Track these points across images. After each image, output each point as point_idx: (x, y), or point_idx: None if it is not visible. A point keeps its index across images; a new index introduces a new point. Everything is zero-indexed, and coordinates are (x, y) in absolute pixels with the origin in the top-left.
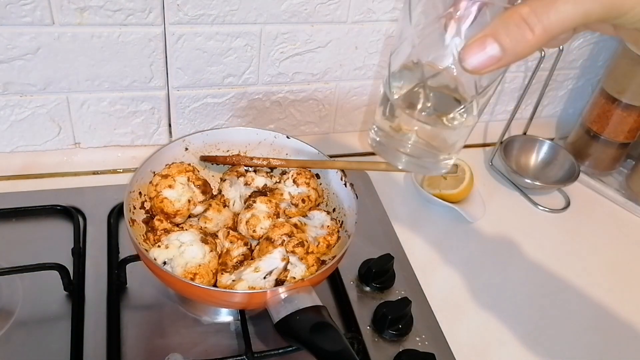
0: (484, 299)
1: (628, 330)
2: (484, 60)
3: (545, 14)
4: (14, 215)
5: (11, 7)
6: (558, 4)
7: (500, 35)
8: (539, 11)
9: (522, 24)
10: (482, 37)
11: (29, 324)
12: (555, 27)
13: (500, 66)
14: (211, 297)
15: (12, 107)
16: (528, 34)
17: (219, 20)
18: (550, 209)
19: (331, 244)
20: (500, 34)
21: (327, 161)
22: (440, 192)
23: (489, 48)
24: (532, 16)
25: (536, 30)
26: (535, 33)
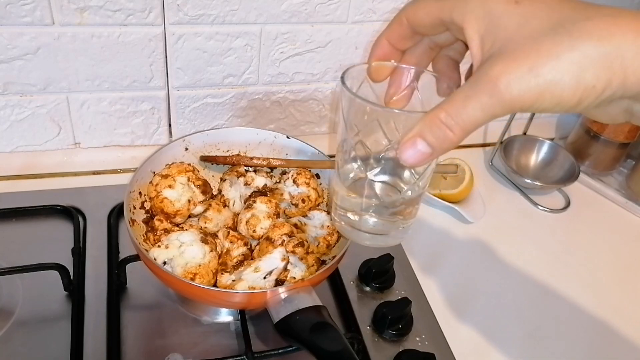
0: (484, 299)
1: (628, 330)
2: (418, 156)
3: (459, 116)
4: (14, 215)
5: (11, 7)
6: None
7: (426, 136)
8: (453, 114)
9: (442, 126)
10: (412, 137)
11: (29, 324)
12: (470, 125)
13: (432, 159)
14: (211, 297)
15: (12, 107)
16: (449, 133)
17: (219, 20)
18: (550, 209)
19: (331, 244)
20: (426, 135)
21: (327, 161)
22: (440, 192)
23: (420, 146)
24: (449, 119)
25: (455, 130)
26: (455, 132)
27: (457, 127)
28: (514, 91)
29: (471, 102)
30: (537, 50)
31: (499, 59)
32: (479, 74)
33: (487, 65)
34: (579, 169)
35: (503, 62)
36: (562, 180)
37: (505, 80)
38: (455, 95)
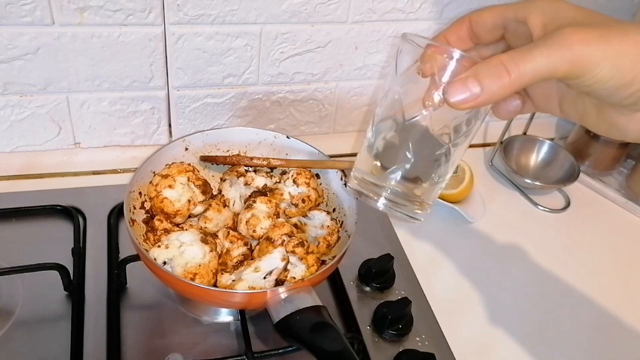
0: (484, 299)
1: (628, 329)
2: (465, 96)
3: (522, 62)
4: (14, 215)
5: (11, 7)
6: (534, 55)
7: (481, 75)
8: (516, 58)
9: (502, 67)
10: (465, 76)
11: (29, 324)
12: (529, 74)
13: (478, 104)
14: (211, 297)
15: (12, 107)
16: (505, 76)
17: (219, 20)
18: (550, 209)
19: (331, 244)
20: (481, 74)
21: (327, 161)
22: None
23: (471, 85)
24: (510, 62)
25: (512, 74)
26: (512, 77)
27: (515, 70)
28: (584, 48)
29: (539, 49)
30: (607, 26)
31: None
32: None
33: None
34: (579, 169)
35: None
36: (562, 180)
37: (577, 37)
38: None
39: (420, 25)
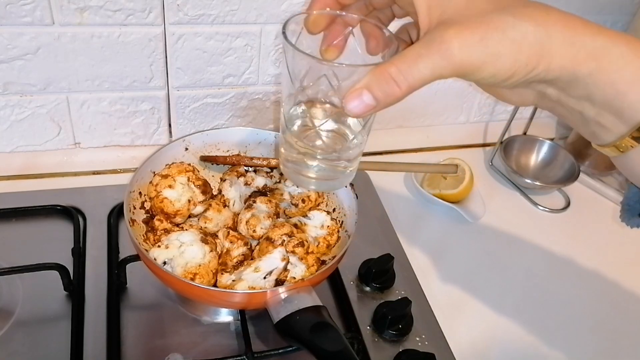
0: (484, 299)
1: (628, 330)
2: (362, 107)
3: (410, 74)
4: (14, 215)
5: (11, 7)
6: (419, 67)
7: (373, 89)
8: (404, 70)
9: (391, 81)
10: (359, 89)
11: (29, 324)
12: (417, 83)
13: (374, 112)
14: (211, 297)
15: (12, 107)
16: (396, 89)
17: (219, 20)
18: (550, 209)
19: (331, 244)
20: (373, 88)
21: None
22: (440, 192)
23: (365, 98)
24: (399, 75)
25: (402, 86)
26: (402, 88)
27: (405, 83)
28: (464, 56)
29: (423, 60)
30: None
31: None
32: (432, 36)
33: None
34: (579, 169)
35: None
36: (562, 180)
37: (457, 45)
38: (407, 52)
39: None
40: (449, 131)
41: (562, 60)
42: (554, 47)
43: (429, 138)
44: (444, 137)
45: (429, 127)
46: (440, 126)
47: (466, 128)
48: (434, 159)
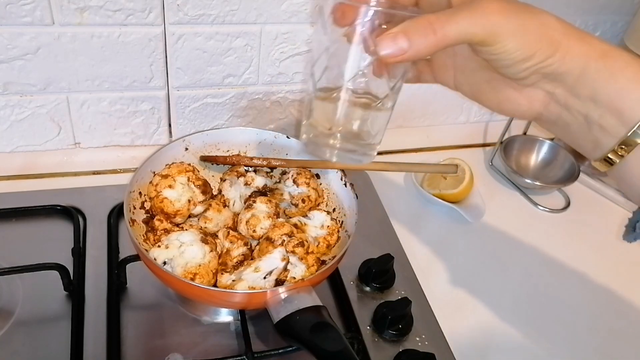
0: (484, 299)
1: (628, 330)
2: (394, 50)
3: (447, 23)
4: (14, 215)
5: (11, 7)
6: (458, 18)
7: (410, 32)
8: (442, 19)
9: (429, 26)
10: (395, 32)
11: (29, 324)
12: (452, 35)
13: (405, 59)
14: (211, 297)
15: (12, 107)
16: (431, 35)
17: (219, 20)
18: (550, 209)
19: (331, 244)
20: (410, 31)
21: (327, 161)
22: (440, 192)
23: (400, 41)
24: (437, 22)
25: (438, 33)
26: (437, 36)
27: (441, 31)
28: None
29: (462, 14)
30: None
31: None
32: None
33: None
34: (579, 169)
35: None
36: (562, 180)
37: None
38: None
39: None
40: (449, 131)
41: (576, 53)
42: (571, 41)
43: (429, 138)
44: (444, 137)
45: (429, 127)
46: (440, 126)
47: (466, 128)
48: (434, 159)
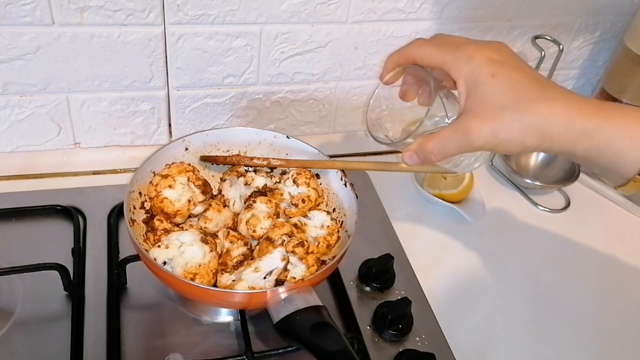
0: (484, 299)
1: (628, 330)
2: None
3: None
4: (14, 215)
5: (11, 7)
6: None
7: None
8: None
9: (429, 153)
10: (411, 150)
11: (29, 324)
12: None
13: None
14: (211, 297)
15: (12, 107)
16: (432, 158)
17: (219, 20)
18: (550, 209)
19: (331, 244)
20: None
21: (327, 161)
22: (440, 192)
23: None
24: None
25: (437, 157)
26: (437, 158)
27: (439, 155)
28: (481, 142)
29: (452, 142)
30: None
31: (474, 116)
32: (460, 124)
33: (467, 119)
34: (579, 169)
35: (476, 121)
36: (562, 180)
37: (476, 135)
38: (442, 133)
39: (420, 25)
40: None
41: (561, 142)
42: (553, 133)
43: None
44: None
45: None
46: None
47: None
48: None
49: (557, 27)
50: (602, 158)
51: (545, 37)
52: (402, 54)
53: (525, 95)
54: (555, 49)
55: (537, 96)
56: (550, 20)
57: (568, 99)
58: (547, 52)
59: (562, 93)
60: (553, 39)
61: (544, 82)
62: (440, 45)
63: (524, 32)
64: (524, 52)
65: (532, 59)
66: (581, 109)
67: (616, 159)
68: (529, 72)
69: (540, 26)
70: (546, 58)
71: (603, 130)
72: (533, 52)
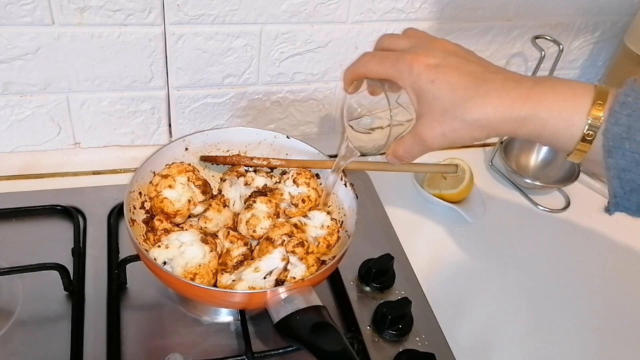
0: (484, 299)
1: (628, 329)
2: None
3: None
4: (14, 215)
5: (11, 7)
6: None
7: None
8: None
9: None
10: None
11: (29, 324)
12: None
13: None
14: (211, 297)
15: (12, 107)
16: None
17: (219, 20)
18: (550, 209)
19: (331, 244)
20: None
21: (327, 161)
22: (440, 192)
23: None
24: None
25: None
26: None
27: (410, 158)
28: (436, 144)
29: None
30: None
31: (424, 122)
32: (416, 130)
33: (419, 125)
34: (579, 169)
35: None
36: (562, 180)
37: (430, 139)
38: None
39: (420, 25)
40: None
41: (502, 130)
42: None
43: None
44: None
45: None
46: None
47: None
48: (434, 159)
49: (557, 27)
50: (542, 138)
51: (545, 37)
52: (353, 71)
53: (462, 95)
54: (555, 49)
55: (472, 94)
56: (550, 20)
57: (501, 90)
58: (547, 52)
59: (496, 85)
60: (553, 39)
61: (478, 76)
62: (383, 59)
63: (524, 32)
64: (524, 52)
65: (532, 59)
66: (514, 99)
67: (553, 138)
68: (465, 67)
69: (540, 26)
70: (546, 58)
71: (535, 116)
72: (533, 52)
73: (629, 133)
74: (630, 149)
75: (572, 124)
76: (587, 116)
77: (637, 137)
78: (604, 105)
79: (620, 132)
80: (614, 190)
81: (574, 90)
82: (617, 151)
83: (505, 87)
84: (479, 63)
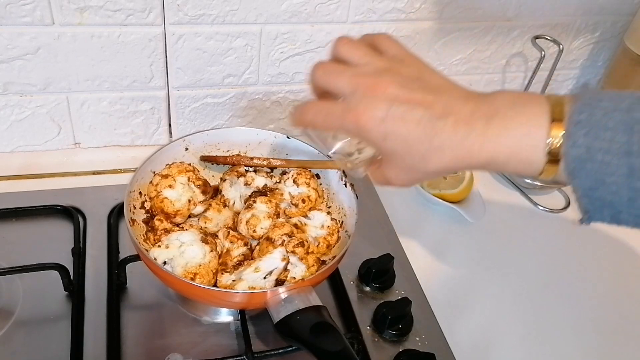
0: (484, 299)
1: (627, 329)
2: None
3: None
4: (14, 215)
5: (11, 7)
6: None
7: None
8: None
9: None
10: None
11: (29, 324)
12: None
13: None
14: (211, 297)
15: (12, 107)
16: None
17: (219, 20)
18: (550, 209)
19: (331, 244)
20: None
21: (327, 161)
22: (440, 192)
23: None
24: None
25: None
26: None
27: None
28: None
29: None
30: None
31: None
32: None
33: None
34: None
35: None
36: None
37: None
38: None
39: (420, 25)
40: None
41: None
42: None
43: None
44: None
45: None
46: None
47: None
48: None
49: (557, 27)
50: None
51: (545, 37)
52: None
53: (418, 149)
54: (555, 49)
55: (426, 147)
56: (550, 20)
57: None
58: (547, 52)
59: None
60: (553, 39)
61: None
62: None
63: (524, 32)
64: (524, 52)
65: (532, 59)
66: (469, 149)
67: (517, 173)
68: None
69: (540, 26)
70: (546, 58)
71: (494, 160)
72: (533, 52)
73: (588, 154)
74: (593, 169)
75: (530, 163)
76: (546, 148)
77: (597, 156)
78: (561, 122)
79: (580, 154)
80: (584, 208)
81: (528, 123)
82: (580, 172)
83: (458, 136)
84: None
